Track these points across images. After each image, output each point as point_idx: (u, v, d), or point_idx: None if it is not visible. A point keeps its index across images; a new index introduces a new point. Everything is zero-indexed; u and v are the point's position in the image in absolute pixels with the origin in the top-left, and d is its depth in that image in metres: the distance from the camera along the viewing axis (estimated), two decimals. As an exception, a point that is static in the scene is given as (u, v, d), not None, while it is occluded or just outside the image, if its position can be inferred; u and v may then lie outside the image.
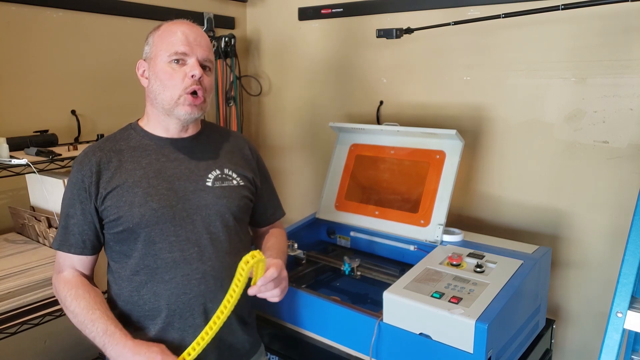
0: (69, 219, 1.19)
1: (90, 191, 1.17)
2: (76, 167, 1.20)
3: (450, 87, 2.00)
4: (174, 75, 1.18)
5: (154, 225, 1.16)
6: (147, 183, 1.18)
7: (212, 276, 1.19)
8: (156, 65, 1.20)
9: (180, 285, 1.17)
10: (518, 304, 1.37)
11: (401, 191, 1.85)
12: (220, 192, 1.24)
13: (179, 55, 1.18)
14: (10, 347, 1.65)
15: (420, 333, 1.29)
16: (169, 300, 1.17)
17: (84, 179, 1.17)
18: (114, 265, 1.22)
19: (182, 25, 1.21)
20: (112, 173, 1.18)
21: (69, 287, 1.17)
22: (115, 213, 1.16)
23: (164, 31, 1.21)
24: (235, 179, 1.29)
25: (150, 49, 1.23)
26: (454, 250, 1.58)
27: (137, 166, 1.19)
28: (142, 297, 1.18)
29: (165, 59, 1.18)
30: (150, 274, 1.17)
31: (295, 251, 1.76)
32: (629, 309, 0.94)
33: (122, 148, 1.22)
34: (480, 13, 1.83)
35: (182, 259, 1.17)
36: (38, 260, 1.48)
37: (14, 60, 1.76)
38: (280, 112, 2.62)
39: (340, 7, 2.24)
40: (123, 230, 1.17)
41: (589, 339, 1.82)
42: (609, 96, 1.66)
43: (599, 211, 1.74)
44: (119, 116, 2.07)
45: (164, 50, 1.19)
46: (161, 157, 1.22)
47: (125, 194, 1.16)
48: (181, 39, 1.18)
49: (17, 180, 1.67)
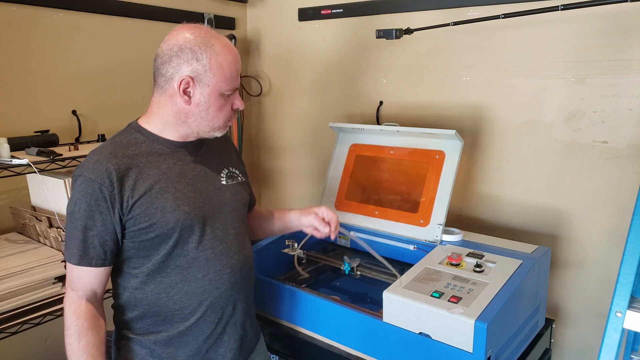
0: (87, 232, 1.12)
1: (113, 200, 1.11)
2: (89, 176, 1.12)
3: (450, 87, 2.00)
4: (225, 109, 1.19)
5: (188, 228, 1.18)
6: (173, 188, 1.18)
7: (239, 269, 1.26)
8: (211, 94, 1.16)
9: (213, 281, 1.21)
10: (517, 303, 1.37)
11: (401, 191, 1.85)
12: (234, 189, 1.30)
13: (232, 90, 1.19)
14: (10, 347, 1.65)
15: (420, 332, 1.29)
16: (202, 297, 1.20)
17: (102, 188, 1.11)
18: (133, 272, 1.20)
19: (234, 53, 1.19)
20: (134, 180, 1.14)
21: (77, 314, 1.14)
22: (147, 220, 1.14)
23: (223, 59, 1.15)
24: (239, 175, 1.35)
25: (204, 72, 1.14)
26: (454, 250, 1.58)
27: (157, 171, 1.17)
28: (172, 298, 1.19)
29: (224, 92, 1.17)
30: (182, 273, 1.19)
31: (296, 251, 1.76)
32: (628, 308, 0.94)
33: (136, 153, 1.18)
34: (480, 13, 1.83)
35: (213, 256, 1.21)
36: (39, 260, 1.48)
37: (14, 61, 1.76)
38: (281, 113, 2.62)
39: (340, 8, 2.24)
40: (155, 237, 1.15)
41: (588, 339, 1.83)
42: (609, 96, 1.67)
43: (598, 211, 1.74)
44: (119, 116, 2.07)
45: (224, 83, 1.16)
46: (178, 161, 1.22)
47: (156, 201, 1.14)
48: (237, 73, 1.19)
49: (18, 180, 1.67)
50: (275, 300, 1.61)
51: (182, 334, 1.20)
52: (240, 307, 1.28)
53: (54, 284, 1.50)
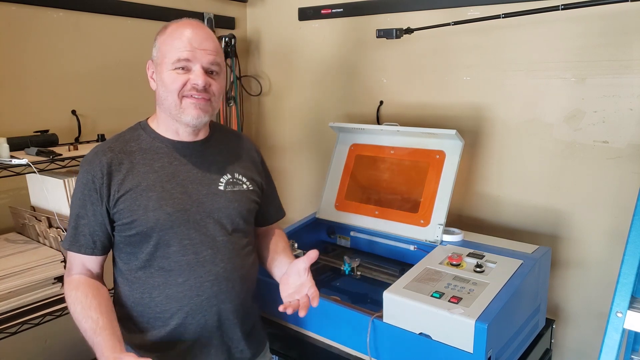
0: (79, 220, 1.17)
1: (102, 193, 1.15)
2: (85, 167, 1.17)
3: (450, 87, 2.00)
4: (177, 82, 1.15)
5: (169, 229, 1.16)
6: (161, 187, 1.17)
7: (224, 278, 1.21)
8: (162, 71, 1.16)
9: (193, 288, 1.18)
10: (518, 303, 1.37)
11: (401, 191, 1.85)
12: (232, 196, 1.25)
13: (182, 62, 1.14)
14: (10, 347, 1.65)
15: (420, 333, 1.29)
16: (182, 302, 1.18)
17: (95, 179, 1.15)
18: (123, 267, 1.21)
19: (187, 27, 1.16)
20: (124, 175, 1.16)
21: (71, 287, 1.16)
22: (129, 216, 1.15)
23: (169, 34, 1.17)
24: (245, 183, 1.29)
25: (157, 53, 1.19)
26: (454, 250, 1.58)
27: (149, 169, 1.18)
28: (154, 300, 1.18)
29: (169, 66, 1.15)
30: (164, 276, 1.18)
31: (296, 251, 1.76)
32: (628, 308, 0.94)
33: (133, 149, 1.20)
34: (480, 13, 1.83)
35: (195, 262, 1.18)
36: (38, 260, 1.48)
37: (14, 60, 1.76)
38: (281, 112, 2.62)
39: (341, 8, 2.24)
40: (136, 234, 1.16)
41: (588, 339, 1.82)
42: (609, 96, 1.66)
43: (598, 211, 1.74)
44: (119, 116, 2.08)
45: (168, 57, 1.15)
46: (174, 161, 1.21)
47: (139, 198, 1.15)
48: (185, 44, 1.14)
49: (17, 180, 1.67)
50: (274, 301, 1.60)
51: (164, 339, 1.19)
52: (229, 318, 1.24)
53: (53, 284, 1.50)
